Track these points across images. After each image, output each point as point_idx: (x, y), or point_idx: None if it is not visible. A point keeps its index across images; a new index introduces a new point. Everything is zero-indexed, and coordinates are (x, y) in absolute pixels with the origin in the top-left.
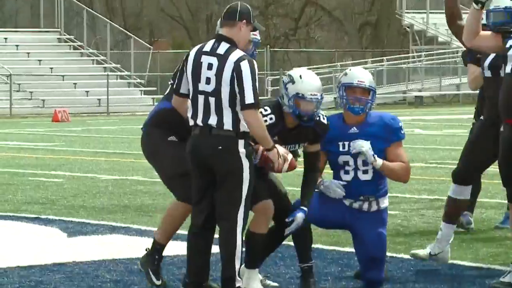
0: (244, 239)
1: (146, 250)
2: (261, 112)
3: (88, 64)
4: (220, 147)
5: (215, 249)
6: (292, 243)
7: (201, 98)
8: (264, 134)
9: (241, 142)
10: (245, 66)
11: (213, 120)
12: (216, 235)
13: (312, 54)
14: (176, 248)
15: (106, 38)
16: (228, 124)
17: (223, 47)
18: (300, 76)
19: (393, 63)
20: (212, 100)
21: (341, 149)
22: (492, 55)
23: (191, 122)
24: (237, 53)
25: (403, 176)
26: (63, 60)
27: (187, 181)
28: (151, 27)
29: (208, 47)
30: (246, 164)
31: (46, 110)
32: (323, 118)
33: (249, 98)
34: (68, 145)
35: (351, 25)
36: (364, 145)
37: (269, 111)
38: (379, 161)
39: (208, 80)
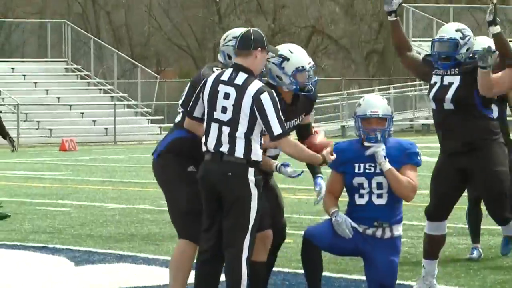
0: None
1: None
2: None
3: (95, 93)
4: (230, 174)
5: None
6: (299, 271)
7: (214, 126)
8: (307, 154)
9: (251, 170)
10: (265, 98)
11: (225, 147)
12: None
13: (319, 82)
14: None
15: (113, 68)
16: (239, 152)
17: (241, 77)
18: (290, 51)
19: (400, 91)
20: (226, 129)
21: (356, 170)
22: (436, 87)
23: (204, 148)
24: (255, 85)
25: (407, 191)
26: (70, 89)
27: (198, 220)
28: (158, 57)
29: (225, 76)
30: (254, 192)
31: (53, 139)
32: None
33: (277, 129)
34: (75, 174)
35: (358, 53)
36: (379, 146)
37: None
38: (388, 165)
39: (224, 109)
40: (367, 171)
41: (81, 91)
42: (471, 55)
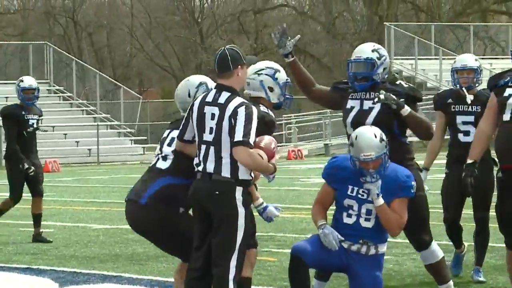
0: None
1: None
2: (260, 109)
3: (78, 114)
4: (217, 192)
5: None
6: None
7: (203, 147)
8: (260, 166)
9: (239, 189)
10: (241, 110)
11: (212, 167)
12: None
13: (302, 101)
14: None
15: (96, 89)
16: (226, 171)
17: (223, 97)
18: (277, 66)
19: None
20: (212, 149)
21: (349, 192)
22: (354, 111)
23: (195, 168)
24: (236, 101)
25: (394, 228)
26: (53, 111)
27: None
28: (140, 77)
29: (210, 97)
30: (241, 211)
31: None
32: None
33: (238, 136)
34: (58, 195)
35: (340, 72)
36: (374, 185)
37: (263, 107)
38: (380, 201)
39: (211, 130)
40: (359, 196)
41: (63, 112)
42: (386, 76)
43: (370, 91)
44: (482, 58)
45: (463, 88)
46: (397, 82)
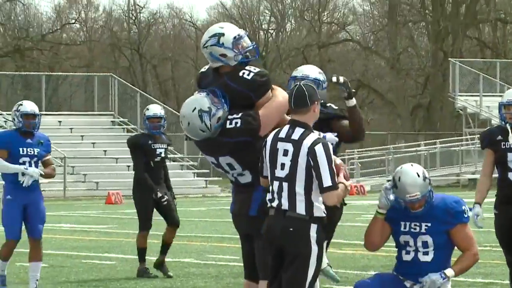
0: None
1: None
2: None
3: None
4: (291, 229)
5: None
6: None
7: (276, 184)
8: (342, 196)
9: (313, 227)
10: (319, 149)
11: (286, 204)
12: None
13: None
14: None
15: None
16: (301, 208)
17: (297, 133)
18: (221, 27)
19: (446, 146)
20: (285, 185)
21: (402, 228)
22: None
23: (268, 204)
24: (311, 137)
25: (473, 264)
26: (117, 142)
27: None
28: None
29: (283, 133)
30: (315, 249)
31: (99, 192)
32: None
33: (327, 181)
34: (121, 227)
35: (404, 107)
36: (434, 284)
37: (247, 68)
38: (451, 273)
39: (282, 166)
40: (412, 230)
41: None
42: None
43: None
44: None
45: (507, 124)
46: (328, 105)
